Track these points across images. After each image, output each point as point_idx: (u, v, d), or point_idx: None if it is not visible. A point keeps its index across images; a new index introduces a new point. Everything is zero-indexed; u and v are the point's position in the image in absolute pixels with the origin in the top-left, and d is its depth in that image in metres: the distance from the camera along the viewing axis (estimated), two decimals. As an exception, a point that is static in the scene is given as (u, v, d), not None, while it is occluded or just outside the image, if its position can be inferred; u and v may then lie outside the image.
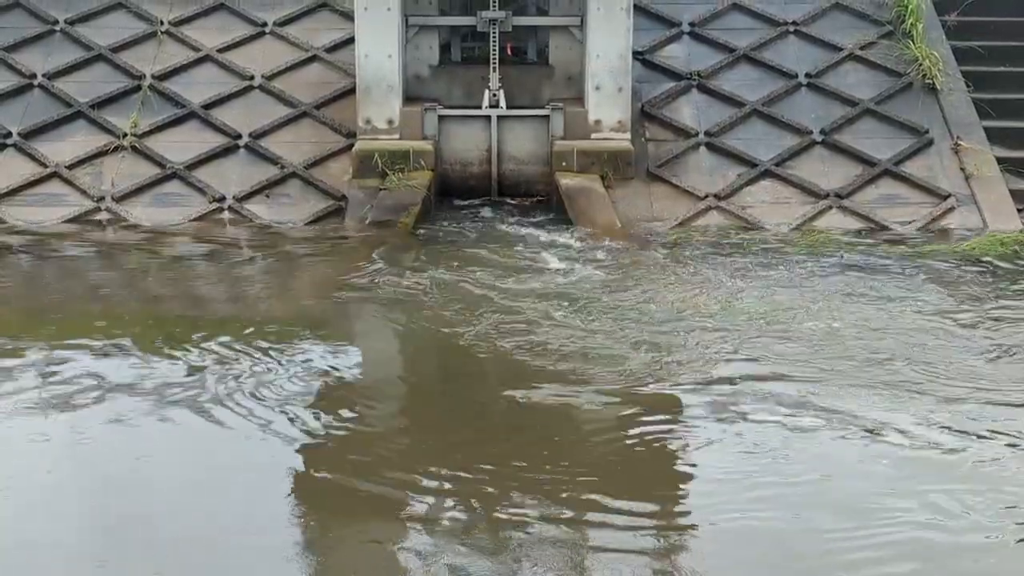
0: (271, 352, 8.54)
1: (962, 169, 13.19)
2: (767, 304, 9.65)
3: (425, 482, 6.55)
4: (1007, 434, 7.17)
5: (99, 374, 8.13)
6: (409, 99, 13.60)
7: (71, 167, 13.25)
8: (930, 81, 13.90)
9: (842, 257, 11.32)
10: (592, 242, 11.71)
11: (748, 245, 11.80)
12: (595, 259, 11.15)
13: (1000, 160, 13.26)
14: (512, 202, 13.38)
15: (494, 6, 13.43)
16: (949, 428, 7.25)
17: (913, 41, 14.16)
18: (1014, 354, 8.60)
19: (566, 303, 9.62)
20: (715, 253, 11.45)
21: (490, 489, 6.46)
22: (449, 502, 6.35)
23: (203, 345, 8.70)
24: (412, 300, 9.84)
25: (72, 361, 8.41)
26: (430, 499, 6.38)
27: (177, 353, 8.55)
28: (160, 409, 7.53)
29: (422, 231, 12.19)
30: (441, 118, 13.42)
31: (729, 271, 10.74)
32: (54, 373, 8.16)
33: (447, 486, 6.52)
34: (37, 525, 6.15)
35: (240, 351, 8.56)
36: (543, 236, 11.99)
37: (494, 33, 13.47)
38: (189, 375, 8.11)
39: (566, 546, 5.93)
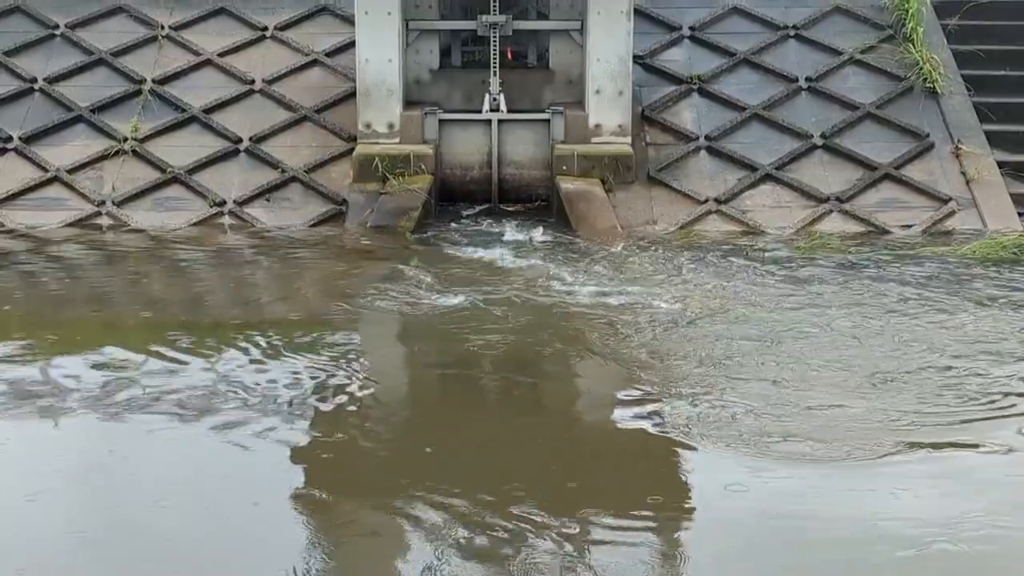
0: (271, 358, 8.52)
1: (963, 173, 13.18)
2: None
3: (437, 497, 6.44)
4: None
5: (98, 378, 8.11)
6: (409, 103, 13.60)
7: (72, 171, 13.26)
8: (931, 85, 13.89)
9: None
10: (598, 247, 11.71)
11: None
12: (594, 264, 11.16)
13: (1001, 164, 13.25)
14: (511, 208, 13.37)
15: (495, 10, 13.43)
16: None
17: (914, 45, 14.15)
18: None
19: (565, 311, 9.62)
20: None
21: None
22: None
23: (203, 350, 8.68)
24: (413, 304, 9.82)
25: (71, 365, 8.40)
26: (442, 516, 6.24)
27: (177, 358, 8.53)
28: (160, 413, 7.52)
29: (422, 235, 12.19)
30: (441, 122, 13.42)
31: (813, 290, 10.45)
32: (53, 377, 8.15)
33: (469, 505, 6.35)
34: (33, 527, 6.14)
35: (241, 356, 8.55)
36: (542, 239, 11.99)
37: (494, 37, 13.47)
38: (190, 380, 8.09)
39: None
